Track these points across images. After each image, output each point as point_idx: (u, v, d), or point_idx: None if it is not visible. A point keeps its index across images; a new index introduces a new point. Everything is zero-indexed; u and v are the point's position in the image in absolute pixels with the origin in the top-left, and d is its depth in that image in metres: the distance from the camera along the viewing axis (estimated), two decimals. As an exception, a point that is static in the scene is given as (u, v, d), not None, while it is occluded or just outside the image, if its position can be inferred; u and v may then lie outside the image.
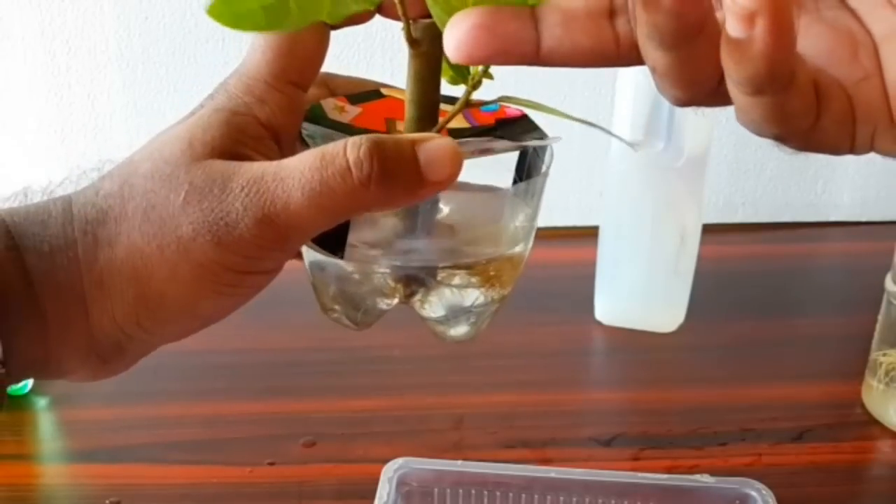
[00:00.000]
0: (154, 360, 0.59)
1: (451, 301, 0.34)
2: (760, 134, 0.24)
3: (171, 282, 0.28)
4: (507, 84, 0.33)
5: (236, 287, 0.29)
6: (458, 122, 0.31)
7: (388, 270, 0.32)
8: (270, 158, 0.29)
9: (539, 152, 0.33)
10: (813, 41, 0.24)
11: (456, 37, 0.24)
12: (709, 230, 0.62)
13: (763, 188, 0.83)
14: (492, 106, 0.33)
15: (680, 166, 0.57)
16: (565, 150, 0.32)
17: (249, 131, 0.30)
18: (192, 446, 0.48)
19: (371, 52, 0.71)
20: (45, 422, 0.52)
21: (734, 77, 0.22)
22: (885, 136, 0.24)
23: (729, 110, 0.74)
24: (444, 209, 0.32)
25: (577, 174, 0.78)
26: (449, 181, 0.28)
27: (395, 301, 0.33)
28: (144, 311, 0.29)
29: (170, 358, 0.56)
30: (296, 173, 0.27)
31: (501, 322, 0.60)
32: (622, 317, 0.63)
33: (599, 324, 0.63)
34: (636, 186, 0.58)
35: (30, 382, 0.53)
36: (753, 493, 0.46)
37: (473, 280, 0.33)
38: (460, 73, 0.30)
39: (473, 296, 0.34)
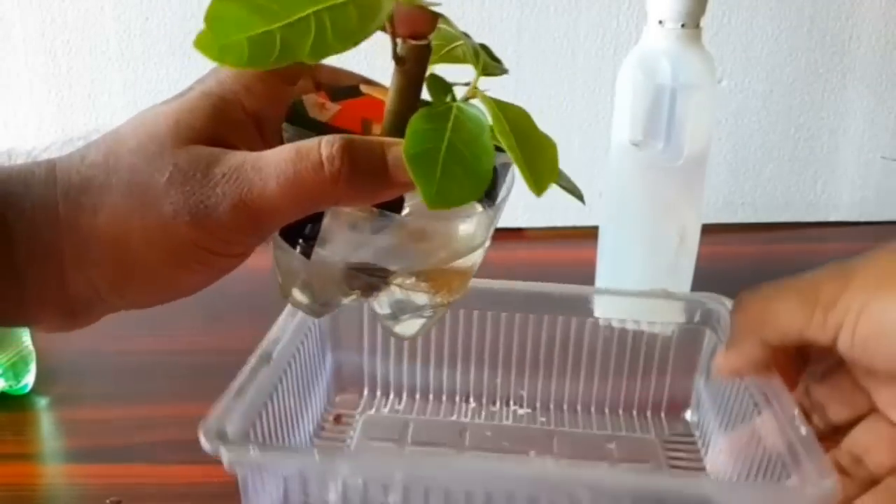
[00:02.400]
0: (154, 360, 0.59)
1: (402, 302, 0.36)
2: None
3: (148, 254, 0.30)
4: (507, 85, 0.33)
5: (206, 266, 0.31)
6: None
7: (346, 269, 0.34)
8: (252, 145, 0.31)
9: (501, 170, 0.34)
10: None
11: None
12: (708, 230, 0.62)
13: (762, 188, 0.84)
14: None
15: (680, 166, 0.57)
16: (565, 150, 0.32)
17: (234, 118, 0.31)
18: (192, 446, 0.48)
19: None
20: (45, 422, 0.52)
21: None
22: None
23: (729, 110, 0.75)
24: (407, 217, 0.34)
25: (577, 174, 0.78)
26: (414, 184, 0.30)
27: (354, 297, 0.35)
28: (120, 277, 0.30)
29: (170, 358, 0.57)
30: (272, 164, 0.29)
31: (501, 322, 0.60)
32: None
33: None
34: (636, 186, 0.58)
35: (30, 382, 0.53)
36: (717, 307, 0.49)
37: (424, 285, 0.35)
38: (442, 91, 0.32)
39: (423, 299, 0.36)
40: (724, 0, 0.77)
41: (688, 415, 0.53)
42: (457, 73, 0.33)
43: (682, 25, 0.54)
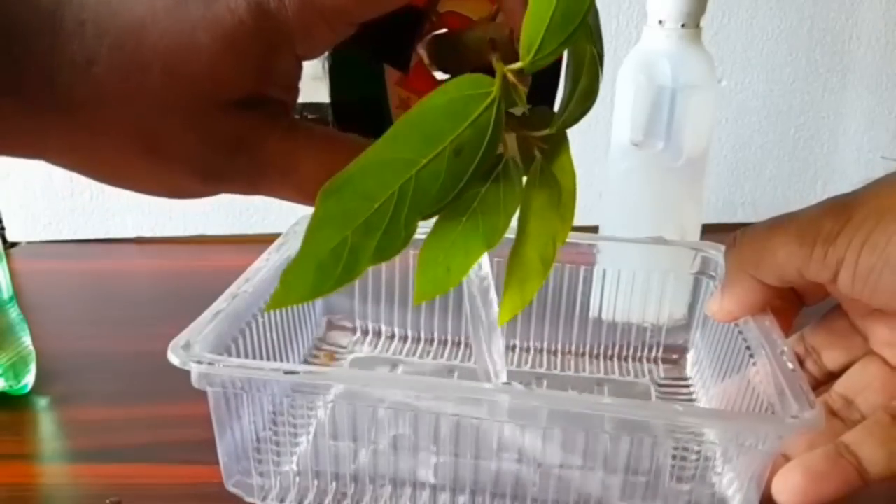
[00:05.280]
0: (154, 361, 0.59)
1: None
2: None
3: (141, 181, 0.29)
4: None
5: (190, 198, 0.30)
6: None
7: None
8: (291, 97, 0.29)
9: None
10: None
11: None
12: (708, 230, 0.62)
13: (762, 188, 0.84)
14: None
15: (680, 166, 0.57)
16: (565, 149, 0.32)
17: (281, 69, 0.28)
18: (192, 446, 0.48)
19: None
20: (45, 422, 0.52)
21: None
22: None
23: (729, 110, 0.75)
24: None
25: (577, 174, 0.78)
26: None
27: None
28: (101, 179, 0.29)
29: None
30: (300, 179, 0.28)
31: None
32: (622, 317, 0.63)
33: (599, 324, 0.63)
34: (636, 186, 0.58)
35: (30, 382, 0.53)
36: (715, 255, 0.51)
37: None
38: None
39: None
40: (724, 0, 0.77)
41: (684, 365, 0.54)
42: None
43: (682, 25, 0.54)
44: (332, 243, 0.26)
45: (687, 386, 0.52)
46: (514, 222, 0.30)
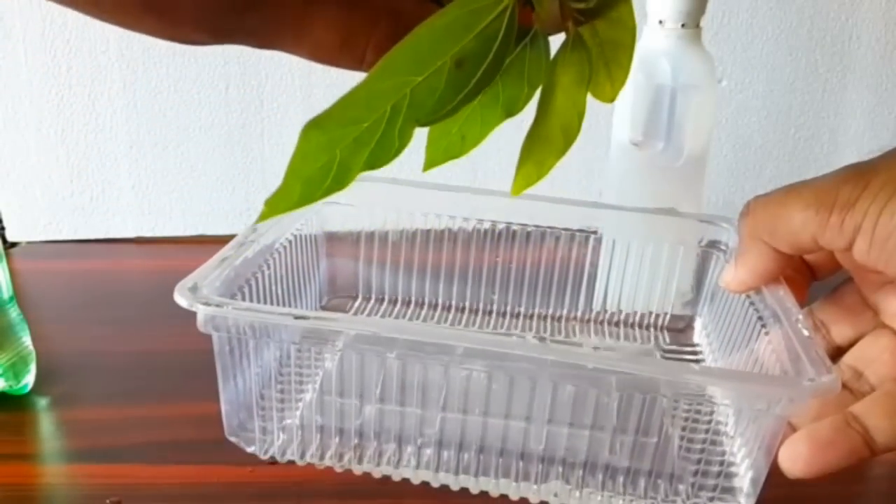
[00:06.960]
0: (154, 361, 0.59)
1: None
2: None
3: (151, 32, 0.27)
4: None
5: (203, 46, 0.29)
6: None
7: None
8: None
9: None
10: None
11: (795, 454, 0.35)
12: (709, 230, 0.62)
13: (763, 189, 0.83)
14: None
15: (680, 166, 0.57)
16: (565, 149, 0.32)
17: None
18: (192, 446, 0.48)
19: None
20: (45, 422, 0.52)
21: None
22: None
23: (729, 110, 0.75)
24: None
25: (577, 174, 0.78)
26: None
27: None
28: (116, 24, 0.28)
29: (170, 358, 0.56)
30: (309, 49, 0.27)
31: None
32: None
33: (599, 324, 0.63)
34: (636, 186, 0.58)
35: (30, 382, 0.53)
36: (726, 229, 0.51)
37: None
38: None
39: None
40: (724, 0, 0.77)
41: (691, 335, 0.54)
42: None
43: (682, 25, 0.54)
44: (318, 164, 0.24)
45: (695, 355, 0.53)
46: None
